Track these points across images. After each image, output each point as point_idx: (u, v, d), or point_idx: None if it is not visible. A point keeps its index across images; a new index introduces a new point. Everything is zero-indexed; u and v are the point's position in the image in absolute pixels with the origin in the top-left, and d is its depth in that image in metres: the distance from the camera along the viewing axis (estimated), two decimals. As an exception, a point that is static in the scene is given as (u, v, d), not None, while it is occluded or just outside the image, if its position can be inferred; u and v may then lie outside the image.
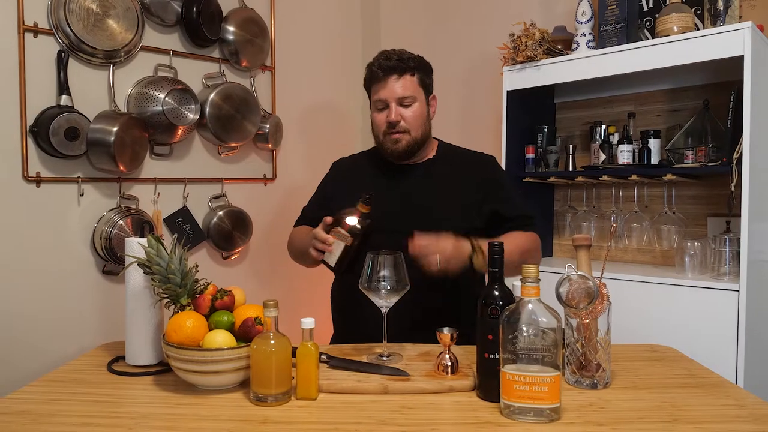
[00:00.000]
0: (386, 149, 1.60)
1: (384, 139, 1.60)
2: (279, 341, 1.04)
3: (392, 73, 1.56)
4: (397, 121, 1.56)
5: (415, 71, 1.59)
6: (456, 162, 1.66)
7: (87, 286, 1.95)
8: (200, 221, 2.25)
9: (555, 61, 2.10)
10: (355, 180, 1.69)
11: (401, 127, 1.56)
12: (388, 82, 1.56)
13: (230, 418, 0.99)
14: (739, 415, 1.00)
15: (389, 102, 1.57)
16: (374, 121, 1.62)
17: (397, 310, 1.25)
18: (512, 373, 0.97)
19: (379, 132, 1.61)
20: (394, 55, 1.58)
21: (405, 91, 1.56)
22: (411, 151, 1.60)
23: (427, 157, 1.67)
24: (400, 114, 1.56)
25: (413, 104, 1.58)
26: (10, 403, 1.06)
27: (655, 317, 1.83)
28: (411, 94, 1.57)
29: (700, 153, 1.93)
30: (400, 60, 1.57)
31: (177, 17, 2.13)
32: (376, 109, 1.61)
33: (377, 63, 1.59)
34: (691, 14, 1.87)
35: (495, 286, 1.07)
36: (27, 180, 1.81)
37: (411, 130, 1.57)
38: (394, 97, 1.56)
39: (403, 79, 1.57)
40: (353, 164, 1.77)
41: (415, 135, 1.58)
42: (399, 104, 1.57)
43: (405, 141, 1.57)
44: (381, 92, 1.57)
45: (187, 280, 1.17)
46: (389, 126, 1.57)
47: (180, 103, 2.04)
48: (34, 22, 1.81)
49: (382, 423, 0.97)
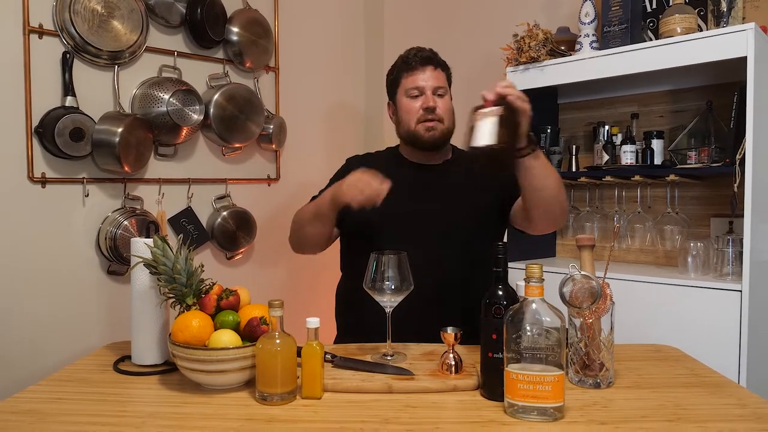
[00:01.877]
0: (419, 137, 1.59)
1: (417, 127, 1.58)
2: (284, 341, 1.05)
3: (429, 64, 1.60)
4: (434, 106, 1.57)
5: (444, 68, 1.65)
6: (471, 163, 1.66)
7: (91, 286, 1.96)
8: (204, 221, 2.26)
9: (558, 61, 2.11)
10: None
11: (437, 114, 1.57)
12: (426, 70, 1.59)
13: (236, 416, 1.00)
14: (741, 415, 1.00)
15: (425, 90, 1.58)
16: (406, 108, 1.60)
17: (402, 314, 1.25)
18: (516, 372, 0.97)
19: (411, 119, 1.59)
20: (428, 49, 1.64)
21: (439, 81, 1.60)
22: (444, 140, 1.61)
23: (445, 158, 1.67)
24: (437, 102, 1.58)
25: (445, 96, 1.61)
26: (17, 402, 1.07)
27: (658, 317, 1.83)
28: (444, 86, 1.61)
29: (703, 154, 1.93)
30: (434, 54, 1.63)
31: (181, 18, 2.15)
32: (409, 96, 1.60)
33: (413, 53, 1.62)
34: (694, 15, 1.87)
35: (499, 286, 1.07)
36: (32, 181, 1.82)
37: (445, 119, 1.59)
38: (431, 85, 1.58)
39: (437, 72, 1.61)
40: (370, 162, 1.70)
41: (448, 125, 1.60)
42: (434, 93, 1.59)
43: (440, 129, 1.58)
44: (418, 79, 1.59)
45: (193, 280, 1.17)
46: (426, 111, 1.57)
47: (184, 103, 2.05)
48: (40, 23, 1.82)
49: (386, 422, 0.97)
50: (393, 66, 1.67)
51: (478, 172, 1.57)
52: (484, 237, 1.52)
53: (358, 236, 1.58)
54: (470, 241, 1.54)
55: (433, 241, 1.51)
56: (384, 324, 1.25)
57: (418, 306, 1.32)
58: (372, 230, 1.53)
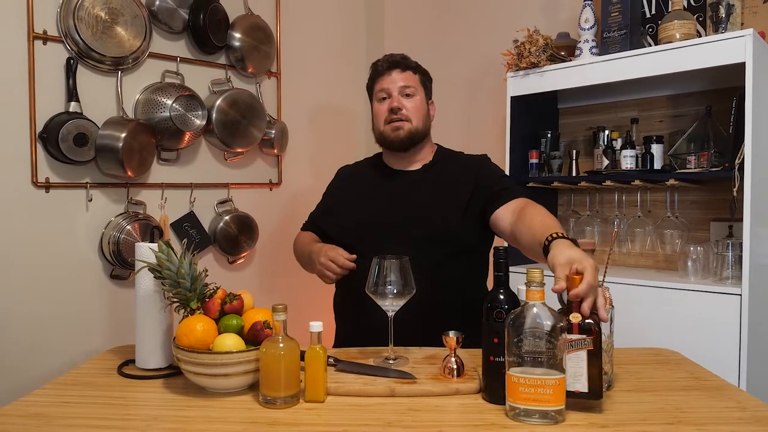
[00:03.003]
0: (387, 137, 1.62)
1: (385, 128, 1.61)
2: (288, 345, 1.06)
3: (396, 67, 1.63)
4: (399, 107, 1.58)
5: (416, 71, 1.66)
6: (453, 165, 1.66)
7: (95, 290, 1.97)
8: (207, 226, 2.27)
9: (558, 67, 2.12)
10: (355, 188, 1.72)
11: (403, 114, 1.59)
12: (391, 74, 1.62)
13: (239, 420, 1.01)
14: (741, 418, 1.01)
15: (391, 91, 1.61)
16: (375, 113, 1.65)
17: (403, 319, 1.26)
18: (517, 375, 0.98)
19: (379, 122, 1.63)
20: (398, 55, 1.66)
21: (407, 82, 1.61)
22: (412, 140, 1.61)
23: (424, 162, 1.68)
24: (402, 102, 1.60)
25: (414, 96, 1.62)
26: (23, 406, 1.07)
27: (658, 321, 1.84)
28: (412, 85, 1.62)
29: (703, 158, 1.94)
30: (403, 58, 1.65)
31: (184, 24, 2.16)
32: (378, 100, 1.64)
33: (382, 59, 1.66)
34: (693, 21, 1.88)
35: (500, 290, 1.08)
36: (36, 186, 1.83)
37: (412, 119, 1.60)
38: (396, 86, 1.60)
39: (405, 74, 1.63)
40: (356, 171, 1.79)
41: (416, 124, 1.60)
42: (401, 94, 1.60)
43: (406, 128, 1.59)
44: (383, 83, 1.62)
45: (197, 285, 1.18)
46: (391, 112, 1.59)
47: (187, 109, 2.06)
48: (44, 29, 1.83)
49: (389, 425, 0.98)
50: (369, 76, 1.70)
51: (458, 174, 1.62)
52: (468, 233, 1.54)
53: (348, 250, 1.57)
54: (450, 245, 1.53)
55: (411, 249, 1.42)
56: (376, 334, 1.27)
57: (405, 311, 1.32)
58: (353, 240, 1.56)
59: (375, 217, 1.59)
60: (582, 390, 1.01)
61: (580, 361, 1.00)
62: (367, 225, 1.58)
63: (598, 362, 1.00)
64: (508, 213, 1.48)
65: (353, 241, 1.56)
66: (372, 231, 1.55)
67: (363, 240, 1.54)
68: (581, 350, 1.00)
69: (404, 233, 1.52)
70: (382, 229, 1.55)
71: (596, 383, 1.01)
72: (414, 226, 1.53)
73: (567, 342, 1.00)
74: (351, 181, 1.76)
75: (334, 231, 1.65)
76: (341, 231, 1.62)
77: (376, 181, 1.69)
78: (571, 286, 1.02)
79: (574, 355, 1.00)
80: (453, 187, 1.59)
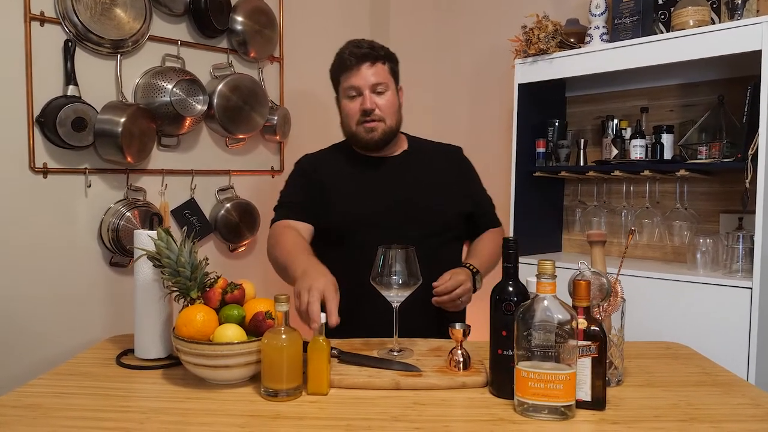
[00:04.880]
0: (360, 139, 1.56)
1: (357, 128, 1.55)
2: (290, 336, 1.03)
3: (365, 61, 1.53)
4: (372, 108, 1.52)
5: (385, 60, 1.57)
6: (429, 153, 1.65)
7: (94, 278, 1.94)
8: (207, 213, 2.24)
9: (568, 54, 2.08)
10: (338, 176, 1.61)
11: (376, 115, 1.53)
12: (360, 69, 1.52)
13: (241, 412, 0.98)
14: (755, 415, 0.98)
15: (363, 89, 1.52)
16: (345, 110, 1.57)
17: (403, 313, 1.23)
18: (527, 370, 0.96)
19: (351, 121, 1.56)
20: (364, 44, 1.56)
21: (378, 78, 1.53)
22: (386, 139, 1.57)
23: (401, 149, 1.64)
24: (374, 102, 1.53)
25: (386, 92, 1.55)
26: (20, 396, 1.05)
27: (666, 314, 1.81)
28: (384, 81, 1.54)
29: (714, 149, 1.90)
30: (371, 48, 1.55)
31: (185, 7, 2.11)
32: (347, 97, 1.56)
33: (348, 51, 1.55)
34: (707, 8, 1.84)
35: (509, 282, 1.05)
36: (34, 171, 1.80)
37: (386, 118, 1.54)
38: (367, 84, 1.52)
39: (375, 67, 1.54)
40: (329, 159, 1.67)
41: (390, 123, 1.55)
42: (372, 92, 1.53)
43: (380, 129, 1.54)
44: (353, 79, 1.53)
45: (197, 274, 1.15)
46: (363, 114, 1.53)
47: (188, 94, 2.02)
48: (41, 10, 1.79)
49: (394, 419, 0.96)
50: (333, 62, 1.61)
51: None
52: (457, 215, 1.57)
53: (336, 240, 1.52)
54: (448, 227, 1.57)
55: (409, 232, 1.44)
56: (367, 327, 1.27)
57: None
58: (348, 232, 1.51)
59: (371, 206, 1.53)
60: (585, 399, 0.98)
61: (585, 369, 0.98)
62: (365, 215, 1.52)
63: (602, 370, 0.98)
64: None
65: (350, 231, 1.51)
66: (370, 220, 1.51)
67: (360, 230, 1.50)
68: (586, 357, 0.98)
69: (396, 220, 1.50)
70: (373, 217, 1.51)
71: (600, 392, 0.98)
72: (404, 212, 1.51)
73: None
74: (330, 169, 1.63)
75: (325, 221, 1.56)
76: (338, 221, 1.53)
77: (357, 169, 1.61)
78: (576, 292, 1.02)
79: (579, 362, 0.97)
80: (436, 173, 1.59)
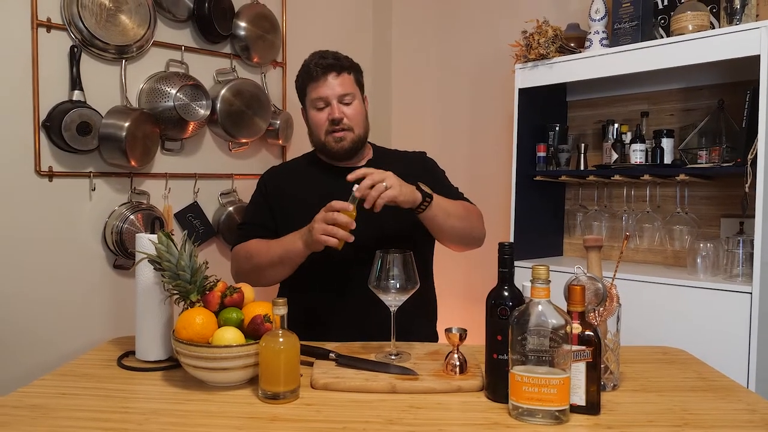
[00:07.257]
0: (330, 149, 1.57)
1: (326, 138, 1.56)
2: (287, 339, 1.04)
3: (331, 71, 1.55)
4: (340, 117, 1.54)
5: (350, 70, 1.60)
6: (395, 161, 1.62)
7: (97, 280, 1.96)
8: (210, 217, 2.26)
9: (568, 59, 2.09)
10: (309, 188, 1.60)
11: (345, 124, 1.55)
12: (327, 79, 1.55)
13: (239, 415, 1.00)
14: (750, 420, 0.99)
15: (330, 100, 1.54)
16: (313, 121, 1.58)
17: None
18: (521, 374, 0.96)
19: (320, 132, 1.57)
20: (329, 55, 1.58)
21: (345, 88, 1.55)
22: (355, 148, 1.58)
23: (367, 158, 1.66)
24: (342, 111, 1.55)
25: (353, 102, 1.57)
26: (21, 396, 1.07)
27: (666, 319, 1.81)
28: (350, 91, 1.57)
29: (714, 153, 1.90)
30: (336, 59, 1.57)
31: (189, 13, 2.14)
32: (315, 108, 1.57)
33: (314, 62, 1.57)
34: (706, 12, 1.84)
35: (505, 287, 1.06)
36: (39, 174, 1.82)
37: (354, 127, 1.56)
38: (335, 94, 1.54)
39: (341, 77, 1.56)
40: (296, 171, 1.68)
41: (358, 132, 1.57)
42: (340, 102, 1.55)
43: (349, 138, 1.56)
44: (321, 90, 1.55)
45: (197, 277, 1.17)
46: (332, 123, 1.54)
47: (191, 98, 2.04)
48: (48, 17, 1.82)
49: (390, 422, 0.97)
50: (298, 73, 1.63)
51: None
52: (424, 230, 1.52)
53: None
54: (414, 233, 1.52)
55: (382, 242, 1.39)
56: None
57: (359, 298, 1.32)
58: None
59: None
60: (579, 403, 0.99)
61: (579, 374, 0.98)
62: None
63: (596, 375, 0.99)
64: None
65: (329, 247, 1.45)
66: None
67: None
68: (580, 362, 0.98)
69: (365, 228, 1.41)
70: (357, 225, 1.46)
71: (594, 397, 0.99)
72: (373, 220, 1.42)
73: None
74: (299, 182, 1.64)
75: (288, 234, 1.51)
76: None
77: (329, 180, 1.59)
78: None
79: (573, 366, 0.98)
80: (403, 178, 1.51)
